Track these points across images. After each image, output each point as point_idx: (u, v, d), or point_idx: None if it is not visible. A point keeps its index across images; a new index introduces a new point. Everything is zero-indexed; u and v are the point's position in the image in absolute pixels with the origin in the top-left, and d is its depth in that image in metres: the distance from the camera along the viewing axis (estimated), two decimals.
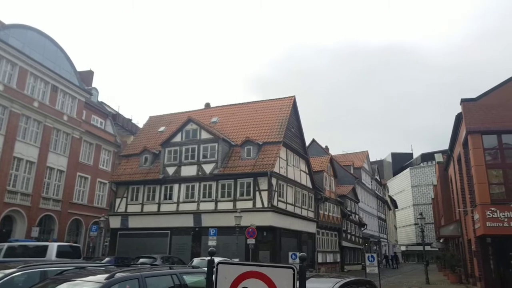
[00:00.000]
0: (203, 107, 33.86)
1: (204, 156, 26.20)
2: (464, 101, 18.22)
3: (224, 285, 3.28)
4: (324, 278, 6.63)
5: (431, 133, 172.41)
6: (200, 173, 25.93)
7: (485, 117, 17.47)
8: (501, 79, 18.77)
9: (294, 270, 3.10)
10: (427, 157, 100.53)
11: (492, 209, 16.14)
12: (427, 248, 39.05)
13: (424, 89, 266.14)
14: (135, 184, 27.71)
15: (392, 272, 37.36)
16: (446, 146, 26.06)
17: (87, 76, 37.63)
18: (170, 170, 26.79)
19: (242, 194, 24.51)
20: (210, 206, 25.11)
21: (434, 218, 52.49)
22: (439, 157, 36.22)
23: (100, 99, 39.93)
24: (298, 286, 3.06)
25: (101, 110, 37.83)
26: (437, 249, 47.29)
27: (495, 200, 16.52)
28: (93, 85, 38.44)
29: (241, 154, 25.77)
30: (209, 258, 3.72)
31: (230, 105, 32.14)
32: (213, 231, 21.36)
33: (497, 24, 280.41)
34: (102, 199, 34.84)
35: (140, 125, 39.00)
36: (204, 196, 25.48)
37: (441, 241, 38.89)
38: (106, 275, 5.24)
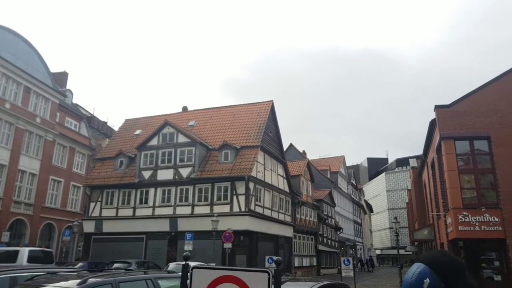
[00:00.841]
0: (180, 110, 33.60)
1: (181, 160, 25.95)
2: (438, 108, 18.69)
3: None
4: (300, 282, 6.64)
5: (407, 138, 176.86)
6: (176, 177, 25.64)
7: (458, 123, 17.96)
8: (474, 85, 19.41)
9: (269, 274, 3.09)
10: (402, 162, 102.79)
11: (464, 213, 16.58)
12: (401, 251, 39.68)
13: (402, 95, 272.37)
14: (109, 188, 27.16)
15: (367, 276, 37.88)
16: (420, 152, 26.66)
17: (61, 77, 36.74)
18: (146, 174, 26.40)
19: (219, 198, 24.38)
20: (187, 210, 24.86)
21: (408, 222, 53.58)
22: (413, 162, 37.11)
23: (74, 101, 39.06)
24: None
25: (76, 112, 36.97)
26: (411, 253, 48.32)
27: (467, 204, 16.96)
28: (68, 86, 37.57)
29: (219, 158, 25.65)
30: (184, 262, 3.66)
31: (208, 108, 32.01)
32: (189, 235, 21.14)
33: (471, 32, 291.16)
34: (75, 203, 33.97)
35: (116, 128, 38.32)
36: (180, 200, 25.21)
37: (415, 244, 39.71)
38: (79, 281, 5.10)
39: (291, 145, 48.01)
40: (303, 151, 49.30)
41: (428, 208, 28.06)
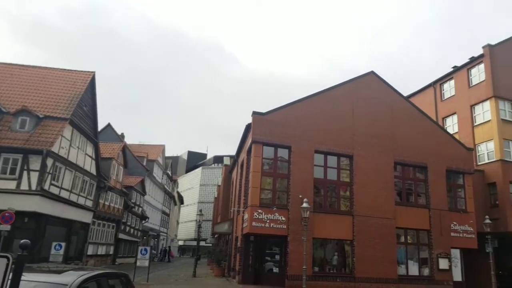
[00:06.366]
0: None
1: None
2: (254, 114, 20.17)
3: None
4: (80, 271, 5.84)
5: (230, 136, 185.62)
6: None
7: (268, 131, 19.75)
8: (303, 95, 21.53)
9: (9, 260, 2.56)
10: (218, 159, 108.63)
11: (259, 211, 18.31)
12: (203, 243, 41.69)
13: (232, 93, 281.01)
14: None
15: (165, 266, 38.24)
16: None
17: None
18: None
19: (4, 172, 20.46)
20: None
21: (214, 216, 56.74)
22: (226, 160, 39.54)
23: None
24: (11, 278, 2.65)
25: None
26: (211, 245, 51.21)
27: (263, 203, 18.80)
28: None
29: (13, 125, 21.63)
30: None
31: (10, 64, 26.73)
32: None
33: (305, 44, 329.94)
34: None
35: None
36: None
37: (215, 237, 42.22)
38: None
39: (109, 124, 44.76)
40: (122, 133, 46.61)
41: (231, 204, 30.11)
